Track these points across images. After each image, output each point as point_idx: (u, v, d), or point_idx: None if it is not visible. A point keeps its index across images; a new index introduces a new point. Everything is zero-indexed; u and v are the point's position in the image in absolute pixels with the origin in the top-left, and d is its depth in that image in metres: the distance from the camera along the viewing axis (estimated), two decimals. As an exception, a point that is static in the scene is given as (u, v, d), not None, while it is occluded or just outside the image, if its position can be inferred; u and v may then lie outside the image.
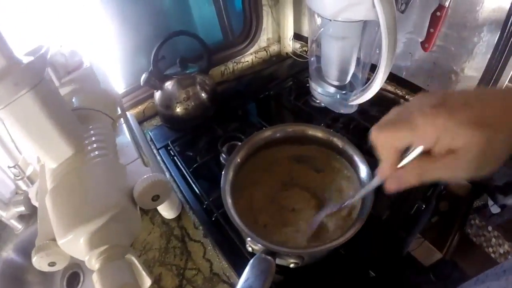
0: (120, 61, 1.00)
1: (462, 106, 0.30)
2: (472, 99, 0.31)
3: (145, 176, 0.47)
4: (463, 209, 1.46)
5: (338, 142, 0.63)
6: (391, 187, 0.37)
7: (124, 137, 0.63)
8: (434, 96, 0.32)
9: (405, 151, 0.34)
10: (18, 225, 0.71)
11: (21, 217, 0.71)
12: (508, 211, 1.47)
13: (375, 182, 0.41)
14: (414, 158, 0.34)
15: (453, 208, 1.41)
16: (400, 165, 0.35)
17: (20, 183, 0.70)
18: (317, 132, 0.64)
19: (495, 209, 1.53)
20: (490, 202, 1.54)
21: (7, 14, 0.68)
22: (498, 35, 0.74)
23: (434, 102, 0.31)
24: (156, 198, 0.49)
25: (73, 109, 0.56)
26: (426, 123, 0.31)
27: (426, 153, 0.33)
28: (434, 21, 0.79)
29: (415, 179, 0.35)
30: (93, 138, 0.52)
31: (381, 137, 0.34)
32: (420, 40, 0.86)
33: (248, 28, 1.20)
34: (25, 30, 0.69)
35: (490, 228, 1.56)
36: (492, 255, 1.52)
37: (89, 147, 0.50)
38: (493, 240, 1.55)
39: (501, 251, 1.52)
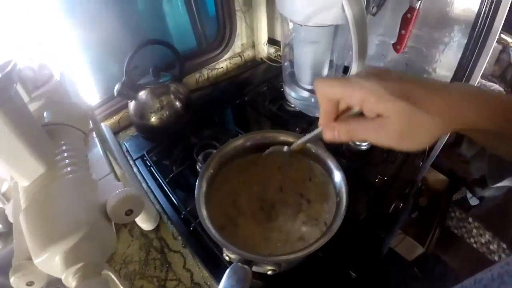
0: (93, 71, 0.98)
1: (394, 79, 0.33)
2: (409, 79, 0.34)
3: (117, 191, 0.47)
4: (442, 203, 1.50)
5: (311, 147, 0.63)
6: (326, 136, 0.40)
7: (97, 151, 0.62)
8: (376, 68, 0.36)
9: (347, 111, 0.38)
10: (-4, 244, 0.69)
11: (-2, 235, 0.70)
12: (487, 203, 1.51)
13: (318, 129, 0.43)
14: (349, 116, 0.38)
15: (432, 202, 1.44)
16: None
17: (-5, 200, 0.68)
18: (288, 138, 0.64)
19: (474, 201, 1.58)
20: (469, 195, 1.59)
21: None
22: (468, 34, 0.76)
23: (373, 71, 0.35)
24: (130, 213, 0.48)
25: (43, 125, 0.55)
26: (356, 83, 0.34)
27: (361, 115, 0.36)
28: (405, 23, 0.80)
29: (346, 135, 0.38)
30: (65, 154, 0.51)
31: (318, 86, 0.37)
32: (392, 42, 0.87)
33: (222, 34, 1.20)
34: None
35: (470, 219, 1.60)
36: (474, 245, 1.56)
37: (60, 164, 0.49)
38: (474, 231, 1.59)
39: (483, 240, 1.57)
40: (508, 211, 1.47)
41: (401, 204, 0.75)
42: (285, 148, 0.57)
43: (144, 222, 0.72)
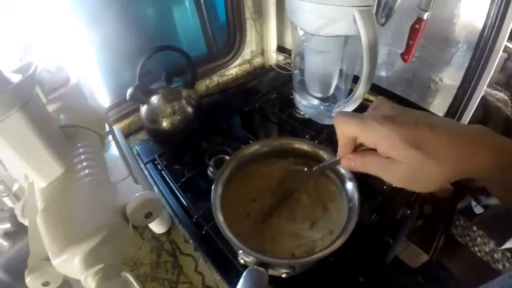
0: (105, 75, 1.00)
1: (409, 124, 0.35)
2: (423, 122, 0.35)
3: (138, 194, 0.48)
4: (447, 211, 1.50)
5: (324, 155, 0.64)
6: (344, 164, 0.44)
7: (112, 153, 0.63)
8: (392, 109, 0.38)
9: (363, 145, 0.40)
10: (4, 243, 0.69)
11: (6, 234, 0.69)
12: (491, 211, 1.51)
13: (336, 158, 0.46)
14: (365, 149, 0.41)
15: (437, 210, 1.45)
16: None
17: (6, 199, 0.69)
18: (303, 146, 0.66)
19: (478, 210, 1.57)
20: (473, 203, 1.59)
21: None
22: (474, 45, 0.78)
23: (389, 113, 0.37)
24: (149, 215, 0.49)
25: (61, 127, 0.56)
26: (371, 127, 0.36)
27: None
28: (413, 33, 0.81)
29: (361, 168, 0.41)
30: (82, 156, 0.52)
31: (337, 122, 0.40)
32: (400, 51, 0.88)
33: (232, 41, 1.22)
34: (6, 46, 0.68)
35: (474, 228, 1.60)
36: (478, 254, 1.56)
37: (78, 166, 0.50)
38: (478, 239, 1.59)
39: (487, 249, 1.57)
40: (512, 220, 1.47)
41: (408, 211, 0.76)
42: (306, 169, 0.58)
43: (156, 226, 0.73)
